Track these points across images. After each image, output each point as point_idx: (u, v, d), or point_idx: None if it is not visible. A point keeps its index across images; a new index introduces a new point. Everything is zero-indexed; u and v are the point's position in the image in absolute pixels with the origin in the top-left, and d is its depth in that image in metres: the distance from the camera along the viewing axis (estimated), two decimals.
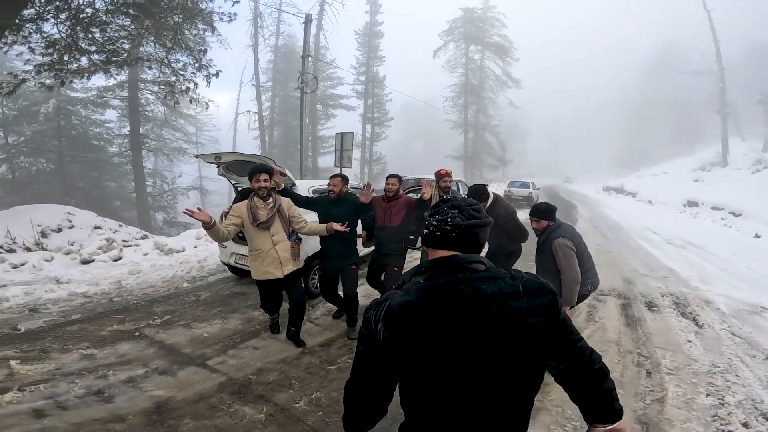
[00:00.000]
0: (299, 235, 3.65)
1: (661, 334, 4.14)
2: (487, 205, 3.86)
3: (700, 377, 3.28)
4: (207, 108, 13.02)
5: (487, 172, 39.61)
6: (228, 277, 5.79)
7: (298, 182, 5.08)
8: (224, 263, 5.58)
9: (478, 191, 3.85)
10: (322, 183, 5.32)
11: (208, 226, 2.76)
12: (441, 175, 4.51)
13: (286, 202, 3.44)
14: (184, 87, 10.08)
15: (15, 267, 5.65)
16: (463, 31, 37.03)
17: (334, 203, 3.78)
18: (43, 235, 6.98)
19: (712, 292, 5.69)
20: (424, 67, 43.63)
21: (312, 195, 5.17)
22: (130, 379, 2.93)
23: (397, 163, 35.82)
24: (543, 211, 3.17)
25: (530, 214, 3.27)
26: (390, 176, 4.05)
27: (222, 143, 32.36)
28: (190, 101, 10.72)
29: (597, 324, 4.40)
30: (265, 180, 3.20)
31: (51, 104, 20.34)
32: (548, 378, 3.09)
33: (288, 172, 4.69)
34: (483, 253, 1.15)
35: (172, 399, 2.69)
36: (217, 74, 9.82)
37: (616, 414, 1.15)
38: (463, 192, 8.69)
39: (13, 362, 3.04)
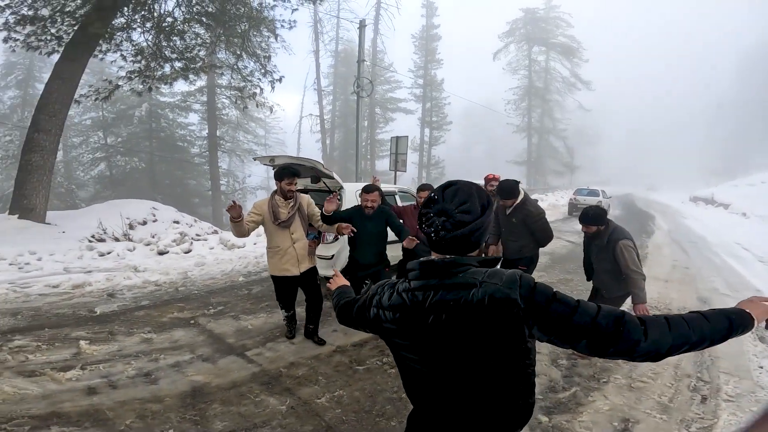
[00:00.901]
0: (316, 234, 3.69)
1: (730, 359, 3.66)
2: (516, 202, 3.75)
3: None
4: (272, 112, 13.90)
5: (552, 179, 37.47)
6: None
7: (345, 185, 5.10)
8: None
9: (507, 188, 3.73)
10: None
11: (236, 220, 3.00)
12: (488, 180, 4.80)
13: (305, 200, 3.48)
14: (251, 92, 10.88)
15: (102, 255, 6.41)
16: (524, 32, 35.58)
17: (370, 218, 3.49)
18: (131, 227, 7.78)
19: None
20: (484, 69, 42.50)
21: (357, 199, 5.22)
22: (177, 364, 3.18)
23: (457, 168, 35.24)
24: (591, 218, 3.25)
25: (580, 221, 3.35)
26: (421, 188, 4.02)
27: (288, 145, 34.01)
28: (257, 105, 11.54)
29: None
30: (295, 184, 3.32)
31: (144, 108, 22.91)
32: (584, 398, 2.87)
33: (336, 176, 4.68)
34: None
35: (207, 384, 2.88)
36: (280, 80, 10.45)
37: (746, 321, 0.94)
38: None
39: (82, 342, 3.40)
